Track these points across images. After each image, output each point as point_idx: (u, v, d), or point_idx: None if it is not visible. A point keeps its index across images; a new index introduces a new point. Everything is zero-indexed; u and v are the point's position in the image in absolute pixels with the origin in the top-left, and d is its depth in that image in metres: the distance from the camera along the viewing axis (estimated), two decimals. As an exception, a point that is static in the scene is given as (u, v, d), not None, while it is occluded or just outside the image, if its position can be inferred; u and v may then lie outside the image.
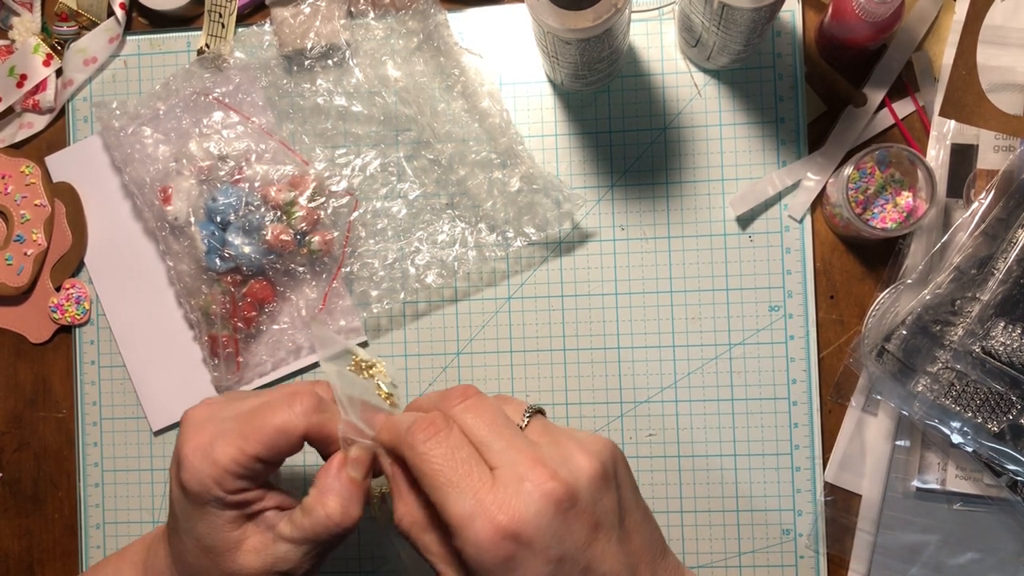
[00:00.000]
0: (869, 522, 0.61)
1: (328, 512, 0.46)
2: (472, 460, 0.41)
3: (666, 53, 0.65)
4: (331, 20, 0.65)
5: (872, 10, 0.55)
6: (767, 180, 0.63)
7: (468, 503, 0.39)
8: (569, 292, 0.65)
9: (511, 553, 0.38)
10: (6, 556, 0.70)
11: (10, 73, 0.69)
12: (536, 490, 0.39)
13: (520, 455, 0.40)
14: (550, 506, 0.39)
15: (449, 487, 0.40)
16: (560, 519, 0.39)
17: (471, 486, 0.39)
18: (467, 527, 0.39)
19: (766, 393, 0.63)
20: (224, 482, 0.45)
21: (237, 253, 0.64)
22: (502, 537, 0.38)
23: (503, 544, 0.38)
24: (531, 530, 0.38)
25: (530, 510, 0.39)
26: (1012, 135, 0.57)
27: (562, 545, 0.39)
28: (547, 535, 0.39)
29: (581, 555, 0.39)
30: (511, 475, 0.40)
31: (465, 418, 0.42)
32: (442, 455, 0.40)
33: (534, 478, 0.39)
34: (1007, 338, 0.58)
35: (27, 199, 0.69)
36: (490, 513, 0.38)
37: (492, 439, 0.41)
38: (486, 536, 0.38)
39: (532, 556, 0.38)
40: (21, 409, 0.70)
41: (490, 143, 0.65)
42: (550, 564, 0.39)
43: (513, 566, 0.38)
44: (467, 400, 0.43)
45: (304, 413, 0.46)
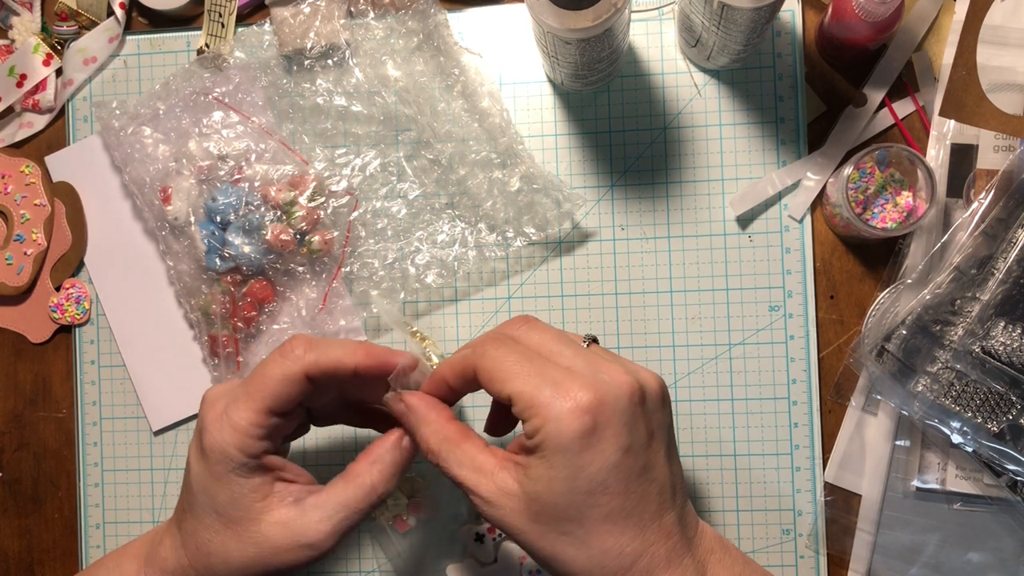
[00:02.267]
0: (869, 522, 0.61)
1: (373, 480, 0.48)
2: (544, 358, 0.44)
3: (666, 53, 0.65)
4: (331, 20, 0.65)
5: (872, 10, 0.55)
6: (767, 180, 0.63)
7: (548, 386, 0.42)
8: (569, 292, 0.65)
9: (590, 428, 0.41)
10: (6, 556, 0.70)
11: (10, 73, 0.69)
12: (612, 380, 0.42)
13: (591, 358, 0.44)
14: (624, 395, 0.42)
15: (527, 375, 0.42)
16: (631, 412, 0.42)
17: (549, 374, 0.42)
18: (549, 404, 0.41)
19: (766, 393, 0.63)
20: (245, 445, 0.47)
21: (237, 253, 0.64)
22: (584, 411, 0.41)
23: (584, 418, 0.41)
24: (609, 412, 0.41)
25: (609, 394, 0.41)
26: (1012, 135, 0.57)
27: (631, 436, 0.42)
28: (620, 422, 0.42)
29: (642, 453, 0.43)
30: (587, 368, 0.43)
31: (531, 335, 0.45)
32: (514, 353, 0.43)
33: (610, 372, 0.43)
34: (1007, 338, 0.58)
35: (27, 199, 0.69)
36: (572, 391, 0.41)
37: (562, 348, 0.44)
38: (569, 409, 0.41)
39: (606, 439, 0.41)
40: (21, 409, 0.70)
41: (490, 143, 0.65)
42: (619, 452, 0.41)
43: (588, 444, 0.41)
44: (528, 322, 0.46)
45: (297, 357, 0.47)
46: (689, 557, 0.43)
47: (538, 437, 0.42)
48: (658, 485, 0.43)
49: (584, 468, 0.41)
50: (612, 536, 0.42)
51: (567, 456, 0.41)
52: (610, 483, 0.41)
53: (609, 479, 0.41)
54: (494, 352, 0.44)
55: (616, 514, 0.42)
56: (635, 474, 0.42)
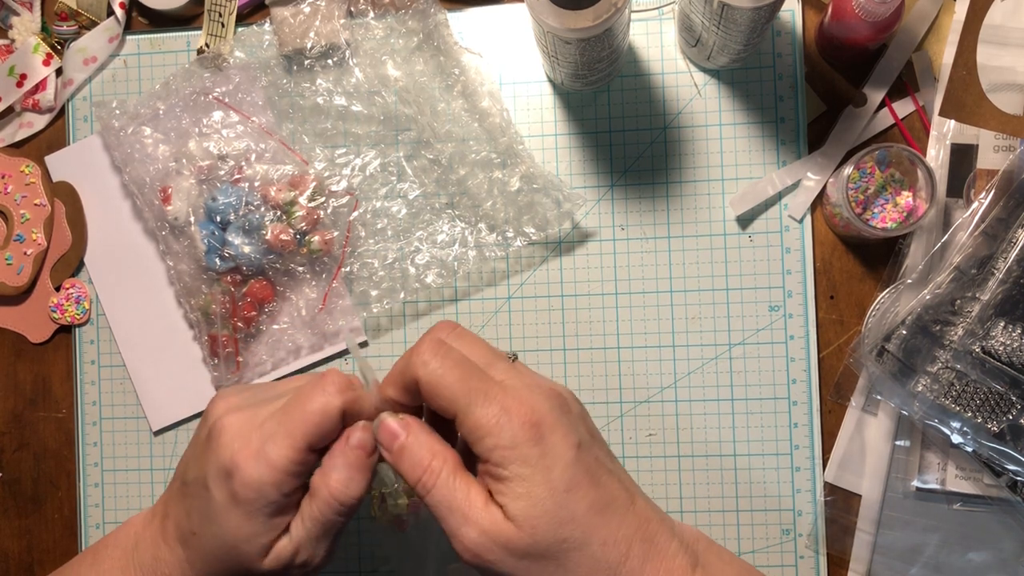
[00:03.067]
0: (869, 522, 0.61)
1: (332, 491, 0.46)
2: (481, 371, 0.45)
3: (666, 53, 0.65)
4: (331, 20, 0.65)
5: (872, 10, 0.55)
6: (767, 180, 0.63)
7: (494, 404, 0.43)
8: (569, 292, 0.65)
9: (540, 435, 0.43)
10: (6, 556, 0.70)
11: (10, 73, 0.69)
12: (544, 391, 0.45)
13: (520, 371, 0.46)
14: (558, 403, 0.45)
15: (473, 395, 0.43)
16: (567, 416, 0.45)
17: (491, 392, 0.44)
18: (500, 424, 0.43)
19: (766, 393, 0.63)
20: (283, 484, 0.45)
21: (237, 253, 0.63)
22: (530, 423, 0.43)
23: (532, 429, 0.43)
24: (551, 417, 0.44)
25: (545, 403, 0.44)
26: (1012, 135, 0.57)
27: (577, 434, 0.44)
28: (564, 424, 0.44)
29: (592, 447, 0.45)
30: (519, 384, 0.45)
31: (462, 345, 0.46)
32: (452, 369, 0.44)
33: (539, 383, 0.45)
34: (1007, 338, 0.58)
35: (27, 199, 0.69)
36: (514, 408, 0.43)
37: (493, 360, 0.46)
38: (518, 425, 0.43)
39: (557, 442, 0.43)
40: (21, 409, 0.70)
41: (490, 143, 0.65)
42: (573, 448, 0.43)
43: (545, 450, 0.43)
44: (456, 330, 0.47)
45: (338, 391, 0.47)
46: (675, 541, 0.44)
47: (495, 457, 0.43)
48: (616, 476, 0.45)
49: (551, 469, 0.43)
50: (603, 526, 0.43)
51: (530, 465, 0.42)
52: (578, 477, 0.43)
53: (576, 474, 0.43)
54: (434, 366, 0.44)
55: (597, 504, 0.43)
56: (594, 466, 0.44)
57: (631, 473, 0.63)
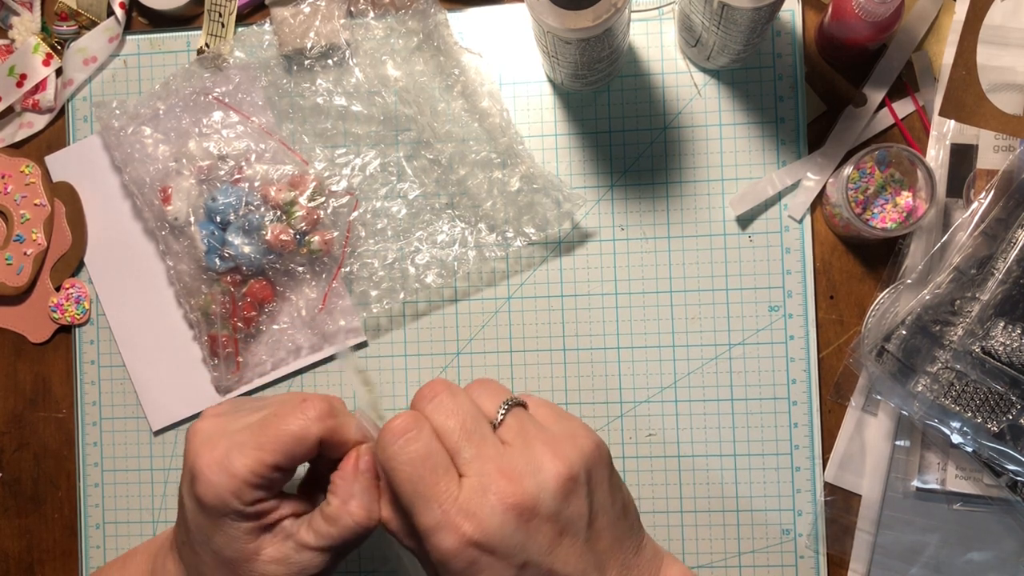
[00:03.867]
0: (869, 522, 0.61)
1: (355, 519, 0.46)
2: (440, 468, 0.42)
3: (666, 53, 0.65)
4: (331, 20, 0.65)
5: (872, 10, 0.55)
6: (767, 180, 0.63)
7: (435, 514, 0.40)
8: (569, 292, 0.65)
9: (475, 560, 0.40)
10: (6, 556, 0.70)
11: (10, 73, 0.69)
12: (500, 503, 0.40)
13: (487, 464, 0.42)
14: (512, 518, 0.40)
15: (416, 497, 0.41)
16: (523, 529, 0.40)
17: (437, 496, 0.41)
18: (433, 536, 0.40)
19: (766, 393, 0.63)
20: (242, 494, 0.45)
21: (237, 253, 0.63)
22: (466, 546, 0.40)
23: (467, 552, 0.40)
24: (495, 540, 0.40)
25: (494, 521, 0.40)
26: (1012, 135, 0.57)
27: (525, 552, 0.40)
28: (510, 544, 0.40)
29: (544, 559, 0.41)
30: (477, 485, 0.41)
31: (436, 418, 0.43)
32: (410, 463, 0.42)
33: (498, 490, 0.41)
34: (1007, 338, 0.58)
35: (27, 199, 0.69)
36: (455, 523, 0.40)
37: (462, 445, 0.42)
38: (451, 545, 0.40)
39: (496, 562, 0.40)
40: (21, 409, 0.70)
41: (490, 143, 0.65)
42: (513, 569, 0.40)
43: (477, 571, 0.40)
44: (436, 398, 0.44)
45: (318, 418, 0.46)
46: None
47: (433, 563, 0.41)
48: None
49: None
50: None
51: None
52: None
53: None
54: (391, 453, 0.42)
55: None
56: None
57: (631, 473, 0.64)
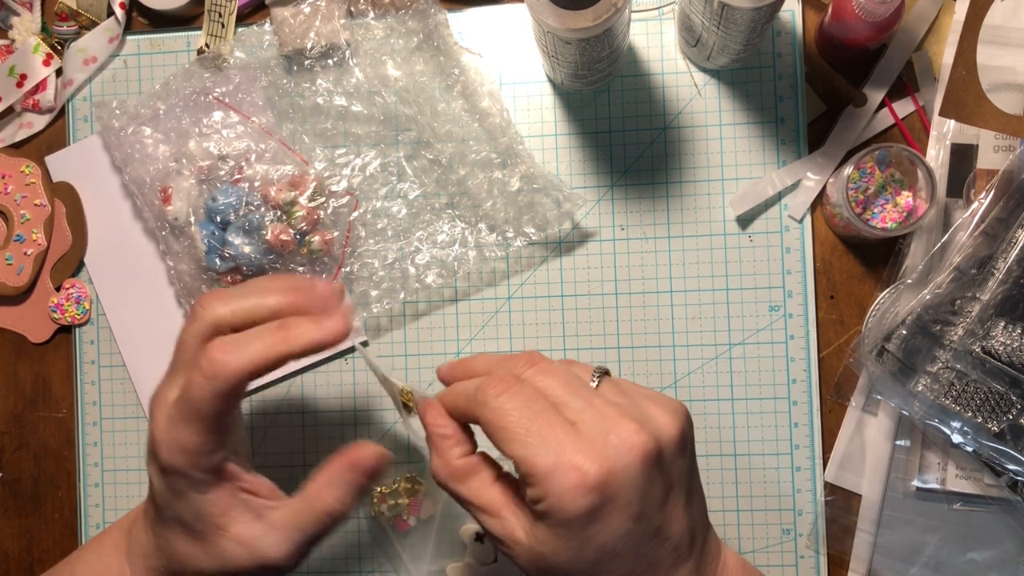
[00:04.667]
0: (869, 522, 0.61)
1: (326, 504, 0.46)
2: (551, 412, 0.40)
3: (666, 53, 0.65)
4: (331, 20, 0.65)
5: (872, 10, 0.55)
6: (767, 180, 0.63)
7: (551, 455, 0.38)
8: (569, 292, 0.65)
9: (596, 505, 0.38)
10: (6, 556, 0.70)
11: (10, 73, 0.69)
12: (623, 443, 0.39)
13: (602, 410, 0.40)
14: (637, 460, 0.39)
15: (529, 437, 0.39)
16: (645, 475, 0.39)
17: (554, 436, 0.39)
18: (550, 477, 0.38)
19: (766, 393, 0.63)
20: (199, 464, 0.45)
21: (237, 253, 0.63)
22: (589, 488, 0.38)
23: (589, 496, 0.38)
24: (618, 483, 0.38)
25: (619, 462, 0.38)
26: (1012, 135, 0.57)
27: (643, 502, 0.39)
28: (631, 490, 0.38)
29: (656, 515, 0.40)
30: (596, 429, 0.39)
31: (537, 380, 0.42)
32: (518, 407, 0.40)
33: (621, 432, 0.39)
34: (1007, 338, 0.58)
35: (27, 199, 0.69)
36: (576, 463, 0.38)
37: (569, 397, 0.41)
38: (572, 486, 0.38)
39: (615, 511, 0.38)
40: (21, 409, 0.70)
41: (490, 143, 0.65)
42: (629, 521, 0.39)
43: (595, 519, 0.38)
44: (535, 364, 0.42)
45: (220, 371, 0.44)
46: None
47: (542, 507, 0.39)
48: (673, 541, 0.41)
49: (591, 540, 0.39)
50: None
51: (571, 530, 0.39)
52: (619, 550, 0.39)
53: (618, 547, 0.39)
54: (495, 402, 0.41)
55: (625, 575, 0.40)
56: (647, 537, 0.40)
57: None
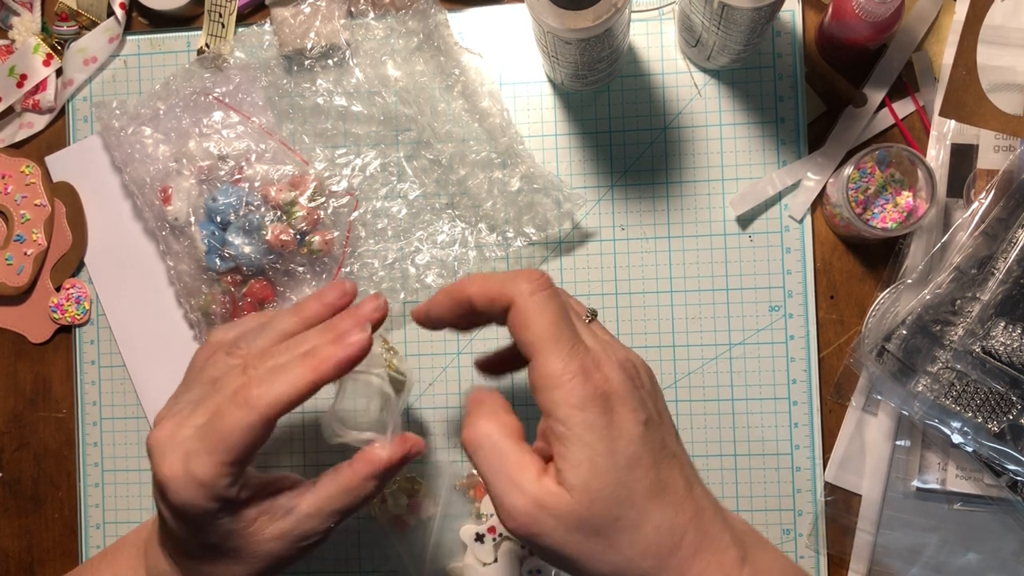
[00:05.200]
0: (869, 522, 0.61)
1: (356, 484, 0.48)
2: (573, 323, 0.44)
3: (666, 53, 0.65)
4: (331, 20, 0.65)
5: (872, 10, 0.55)
6: (767, 180, 0.63)
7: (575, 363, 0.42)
8: (569, 292, 0.65)
9: (608, 405, 0.41)
10: (6, 556, 0.70)
11: (10, 73, 0.69)
12: (617, 362, 0.43)
13: (597, 338, 0.45)
14: (629, 376, 0.43)
15: (560, 342, 0.42)
16: (638, 390, 0.43)
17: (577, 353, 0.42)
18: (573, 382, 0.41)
19: (766, 393, 0.63)
20: (218, 494, 0.45)
21: (237, 253, 0.63)
22: (598, 388, 0.41)
23: (603, 400, 0.41)
24: (622, 390, 0.42)
25: (619, 374, 0.43)
26: (1012, 135, 0.57)
27: (644, 409, 0.43)
28: (633, 398, 0.42)
29: (658, 428, 0.43)
30: (597, 348, 0.43)
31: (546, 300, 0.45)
32: (555, 310, 0.43)
33: (615, 352, 0.44)
34: (1007, 338, 0.58)
35: (27, 199, 0.69)
36: (590, 372, 0.42)
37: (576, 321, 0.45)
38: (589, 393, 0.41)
39: (625, 412, 0.42)
40: (21, 409, 0.70)
41: (490, 143, 0.65)
42: (640, 425, 0.42)
43: (612, 421, 0.41)
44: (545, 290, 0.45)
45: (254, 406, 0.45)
46: (728, 533, 0.42)
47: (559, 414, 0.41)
48: (679, 460, 0.43)
49: (616, 441, 0.41)
50: (659, 510, 0.41)
51: (594, 432, 0.41)
52: (641, 456, 0.41)
53: (639, 451, 0.41)
54: (538, 296, 0.44)
55: (656, 487, 0.41)
56: (658, 447, 0.42)
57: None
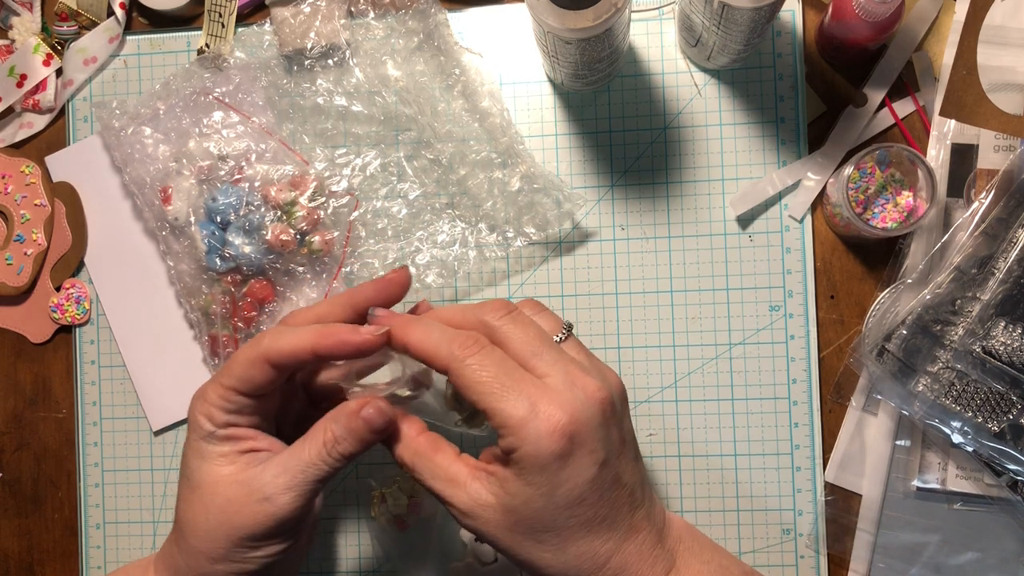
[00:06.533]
0: (869, 522, 0.61)
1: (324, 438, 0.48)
2: (520, 370, 0.44)
3: (666, 53, 0.65)
4: (331, 20, 0.65)
5: (872, 10, 0.55)
6: (767, 180, 0.63)
7: (525, 405, 0.43)
8: (569, 292, 0.65)
9: (567, 449, 0.43)
10: (6, 556, 0.70)
11: (10, 73, 0.69)
12: (588, 397, 0.44)
13: (567, 366, 0.45)
14: (599, 412, 0.44)
15: (504, 391, 0.43)
16: (604, 426, 0.44)
17: (526, 390, 0.43)
18: (525, 426, 0.42)
19: (766, 393, 0.63)
20: (212, 415, 0.49)
21: (237, 253, 0.63)
22: (560, 434, 0.42)
23: (560, 440, 0.42)
24: (585, 430, 0.43)
25: (584, 412, 0.43)
26: (1012, 135, 0.57)
27: (605, 449, 0.44)
28: (596, 437, 0.43)
29: (615, 462, 0.45)
30: (563, 382, 0.44)
31: (513, 329, 0.46)
32: (491, 364, 0.44)
33: (586, 386, 0.44)
34: (1007, 338, 0.58)
35: (27, 199, 0.69)
36: (549, 412, 0.42)
37: (542, 350, 0.45)
38: (546, 431, 0.42)
39: (583, 455, 0.43)
40: (21, 409, 0.70)
41: (490, 143, 0.65)
42: (595, 466, 0.43)
43: (565, 463, 0.42)
44: (509, 313, 0.46)
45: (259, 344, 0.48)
46: (659, 548, 0.46)
47: (515, 455, 0.43)
48: (628, 488, 0.45)
49: (561, 485, 0.43)
50: (587, 541, 0.44)
51: (545, 475, 0.43)
52: (586, 495, 0.43)
53: (585, 492, 0.43)
54: (471, 360, 0.44)
55: (591, 522, 0.44)
56: (608, 483, 0.44)
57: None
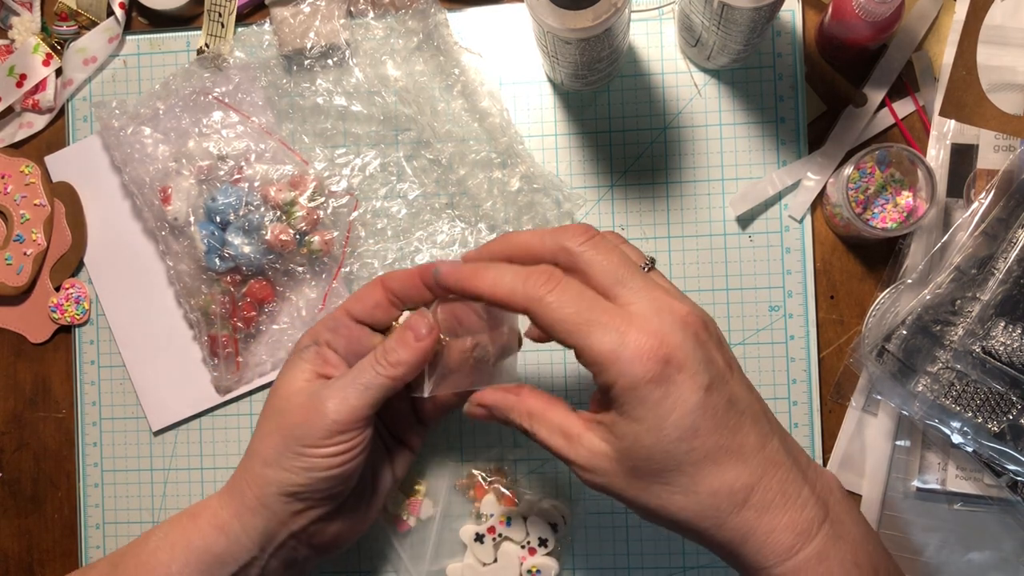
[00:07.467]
0: (869, 522, 0.61)
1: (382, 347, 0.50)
2: (600, 299, 0.42)
3: (666, 53, 0.65)
4: (331, 20, 0.65)
5: (872, 10, 0.55)
6: (767, 180, 0.63)
7: (612, 336, 0.40)
8: (569, 292, 0.65)
9: (664, 374, 0.40)
10: (6, 556, 0.70)
11: (10, 73, 0.69)
12: (678, 321, 0.41)
13: (654, 291, 0.42)
14: (691, 334, 0.41)
15: (589, 326, 0.41)
16: (702, 347, 0.41)
17: (611, 321, 0.41)
18: (616, 358, 0.40)
19: (766, 393, 0.63)
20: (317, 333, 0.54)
21: (237, 253, 0.63)
22: (653, 359, 0.40)
23: (654, 365, 0.40)
24: (680, 353, 0.40)
25: (676, 335, 0.40)
26: (1012, 135, 0.57)
27: (708, 372, 0.41)
28: (694, 359, 0.40)
29: (723, 386, 0.41)
30: (649, 308, 0.41)
31: (595, 256, 0.43)
32: (571, 300, 0.42)
33: (674, 310, 0.41)
34: (1007, 338, 0.58)
35: (27, 199, 0.69)
36: (637, 340, 0.40)
37: (628, 276, 0.43)
38: (637, 359, 0.40)
39: (684, 380, 0.40)
40: (21, 409, 0.70)
41: (490, 143, 0.65)
42: (699, 391, 0.40)
43: (667, 391, 0.40)
44: (591, 239, 0.44)
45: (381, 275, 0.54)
46: (807, 489, 0.41)
47: (613, 392, 0.41)
48: (750, 415, 0.42)
49: (668, 415, 0.40)
50: (716, 476, 0.40)
51: (647, 407, 0.40)
52: (699, 424, 0.40)
53: (697, 421, 0.40)
54: (549, 297, 0.42)
55: (715, 453, 0.40)
56: (722, 409, 0.41)
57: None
